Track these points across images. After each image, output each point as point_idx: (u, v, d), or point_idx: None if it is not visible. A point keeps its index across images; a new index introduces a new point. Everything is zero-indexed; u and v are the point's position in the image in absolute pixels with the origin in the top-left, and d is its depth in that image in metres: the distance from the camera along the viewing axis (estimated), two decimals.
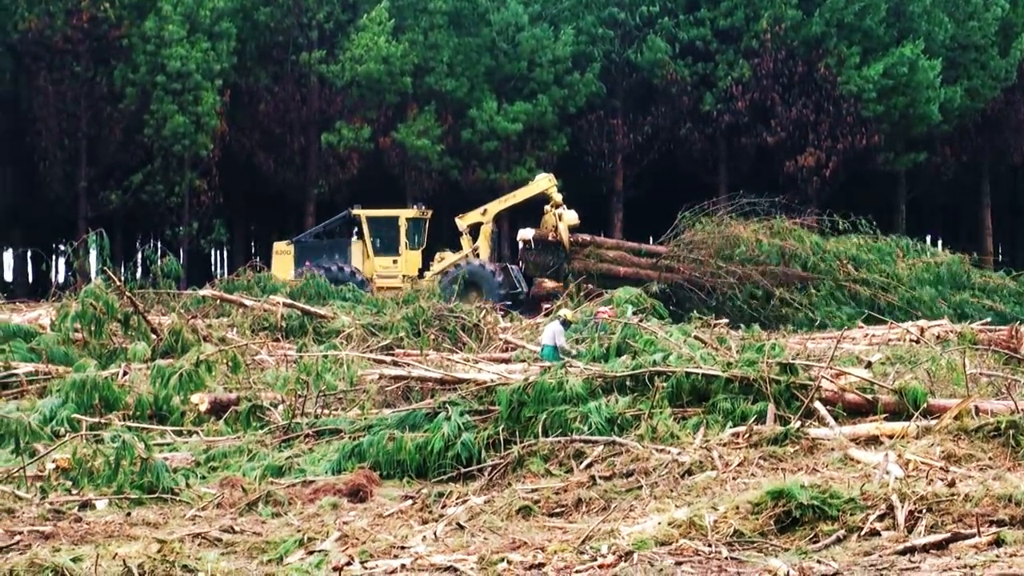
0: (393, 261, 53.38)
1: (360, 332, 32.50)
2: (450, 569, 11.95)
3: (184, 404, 22.85)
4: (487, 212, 54.26)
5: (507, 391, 18.99)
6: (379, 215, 54.67)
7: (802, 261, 46.48)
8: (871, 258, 47.06)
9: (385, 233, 53.95)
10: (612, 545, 12.27)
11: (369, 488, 16.62)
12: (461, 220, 54.20)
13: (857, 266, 46.26)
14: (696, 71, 69.46)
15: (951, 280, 46.57)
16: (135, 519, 15.02)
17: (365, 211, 54.65)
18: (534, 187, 54.77)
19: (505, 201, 55.30)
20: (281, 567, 12.16)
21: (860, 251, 47.44)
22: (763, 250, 46.63)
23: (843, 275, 45.66)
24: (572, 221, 51.87)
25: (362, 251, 53.63)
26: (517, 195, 55.47)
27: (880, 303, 43.79)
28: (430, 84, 66.85)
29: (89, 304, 28.71)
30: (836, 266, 46.17)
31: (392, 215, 54.76)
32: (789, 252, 46.79)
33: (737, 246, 46.91)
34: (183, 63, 62.65)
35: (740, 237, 47.12)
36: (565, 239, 51.16)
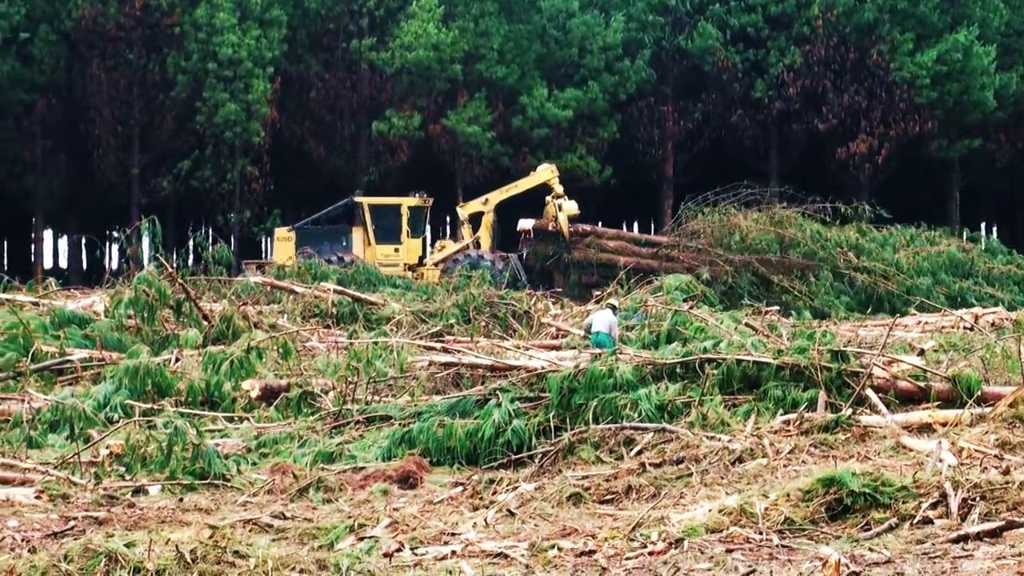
0: (395, 249, 53.18)
1: (410, 319, 32.53)
2: (500, 556, 11.94)
3: (235, 390, 22.95)
4: (488, 201, 54.42)
5: (558, 378, 18.98)
6: (381, 203, 54.72)
7: (802, 249, 46.46)
8: (872, 247, 47.03)
9: (387, 221, 53.85)
10: (662, 532, 12.24)
11: (419, 475, 16.64)
12: (462, 209, 54.25)
13: (858, 254, 46.20)
14: (747, 58, 69.16)
15: (952, 268, 46.30)
16: (187, 505, 15.08)
17: (367, 199, 54.78)
18: (536, 177, 55.09)
19: (507, 191, 55.33)
20: (332, 553, 12.16)
21: (861, 239, 47.39)
22: (761, 239, 46.73)
23: (843, 263, 45.55)
24: (572, 211, 52.25)
25: (363, 239, 53.53)
26: (519, 185, 55.63)
27: (879, 291, 43.61)
28: (480, 71, 66.80)
29: (142, 291, 28.85)
30: (836, 254, 46.19)
31: (394, 203, 54.73)
32: (789, 240, 46.82)
33: (735, 235, 47.07)
34: (234, 50, 62.82)
35: (739, 226, 47.30)
36: (564, 229, 51.55)
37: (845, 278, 45.07)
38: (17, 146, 64.98)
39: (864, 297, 43.49)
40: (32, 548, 11.99)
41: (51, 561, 10.66)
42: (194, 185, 64.27)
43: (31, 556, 11.15)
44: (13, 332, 27.41)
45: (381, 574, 11.30)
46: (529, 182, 55.12)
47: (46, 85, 65.10)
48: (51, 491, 15.54)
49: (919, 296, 42.50)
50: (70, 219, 74.46)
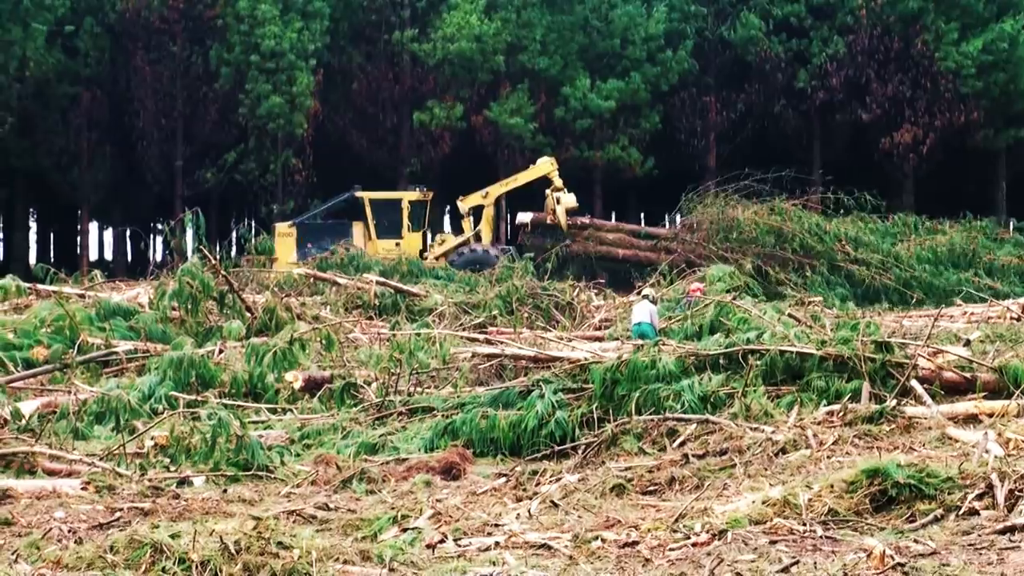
0: (396, 244, 53.02)
1: (453, 310, 32.59)
2: (544, 547, 11.94)
3: (278, 382, 23.04)
4: (489, 195, 54.55)
5: (600, 369, 18.96)
6: (382, 197, 54.81)
7: (799, 242, 46.44)
8: (873, 238, 46.91)
9: (388, 215, 53.81)
10: (705, 523, 12.22)
11: (463, 466, 16.65)
12: (463, 203, 54.21)
13: (856, 246, 46.05)
14: (790, 48, 68.83)
15: (952, 259, 46.05)
16: (231, 496, 15.14)
17: (368, 193, 54.73)
18: (536, 170, 55.11)
19: (507, 184, 55.46)
20: (375, 544, 12.19)
21: (862, 231, 47.29)
22: (759, 231, 46.87)
23: (841, 256, 45.40)
24: (570, 204, 52.68)
25: (363, 233, 53.45)
26: (519, 178, 55.72)
27: (876, 284, 43.45)
28: (523, 62, 66.72)
29: (186, 283, 28.97)
30: (835, 247, 46.14)
31: (395, 197, 54.90)
32: (788, 233, 46.76)
33: (733, 227, 47.29)
34: (277, 43, 62.95)
35: (736, 218, 47.53)
36: (563, 222, 52.03)
37: (842, 270, 44.95)
38: (63, 139, 65.29)
39: (861, 289, 43.32)
40: (79, 539, 12.06)
41: (97, 552, 10.72)
42: (237, 177, 64.48)
43: (78, 547, 11.22)
44: (59, 324, 27.57)
45: (424, 565, 11.32)
46: (529, 175, 55.27)
47: (91, 78, 65.42)
48: (97, 482, 15.62)
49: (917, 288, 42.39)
50: (115, 211, 74.82)
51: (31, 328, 27.56)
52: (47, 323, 27.85)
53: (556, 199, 52.44)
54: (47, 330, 27.49)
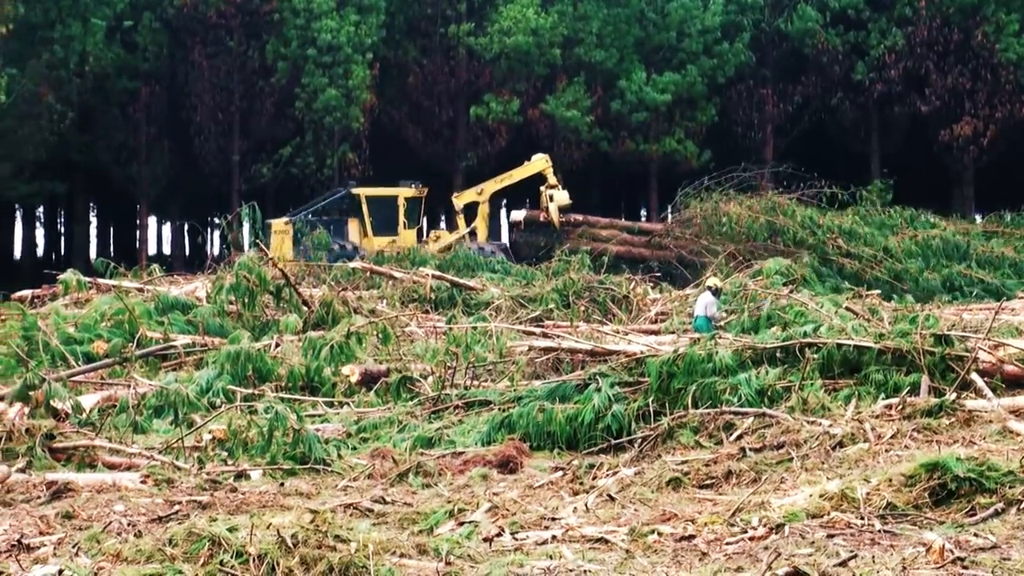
0: (392, 240, 52.43)
1: (509, 304, 32.59)
2: (600, 541, 11.93)
3: (335, 375, 23.12)
4: (483, 192, 54.41)
5: (657, 363, 18.94)
6: (378, 194, 54.26)
7: (791, 236, 46.36)
8: (867, 231, 46.82)
9: (384, 212, 53.54)
10: (763, 517, 12.17)
11: (519, 459, 16.66)
12: (457, 199, 54.09)
13: (849, 240, 45.91)
14: (848, 40, 68.40)
15: (944, 252, 45.74)
16: (288, 489, 15.20)
17: (364, 189, 54.44)
18: (530, 167, 55.02)
19: (501, 181, 55.30)
20: (432, 538, 12.21)
21: (856, 224, 47.25)
22: (751, 225, 46.82)
23: (832, 249, 45.22)
24: (563, 202, 52.80)
25: (358, 230, 53.12)
26: (513, 175, 55.55)
27: (867, 276, 43.19)
28: (579, 55, 66.64)
29: (243, 277, 29.13)
30: (826, 240, 45.93)
31: (391, 194, 54.21)
32: (779, 227, 46.77)
33: (725, 222, 47.38)
34: (333, 37, 63.10)
35: (728, 213, 47.56)
36: (555, 219, 52.25)
37: (834, 264, 44.79)
38: (122, 133, 65.67)
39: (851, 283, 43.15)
40: (138, 532, 12.14)
41: (156, 545, 10.78)
42: (293, 171, 64.67)
43: (137, 540, 11.28)
44: (119, 318, 27.81)
45: (481, 559, 11.33)
46: (524, 172, 55.23)
47: (149, 73, 65.76)
48: (156, 476, 15.73)
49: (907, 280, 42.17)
50: (173, 206, 75.24)
51: (92, 322, 27.81)
52: (107, 317, 28.10)
53: (549, 196, 52.78)
54: (107, 324, 27.73)
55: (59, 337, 26.21)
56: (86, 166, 68.23)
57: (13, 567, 10.99)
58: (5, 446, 17.21)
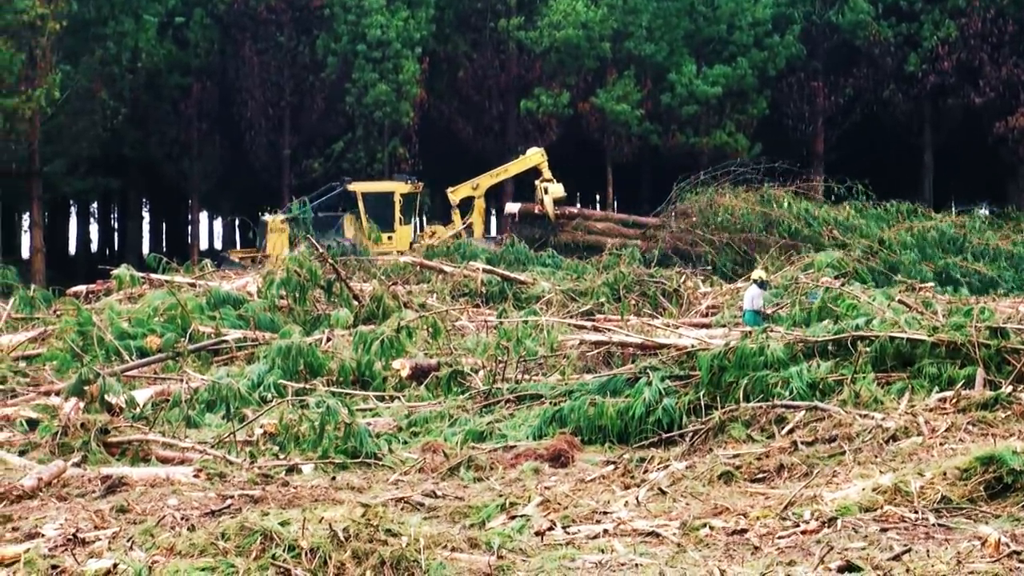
0: (388, 236, 52.34)
1: (560, 298, 32.59)
2: (652, 534, 11.92)
3: (386, 370, 23.15)
4: (479, 187, 54.41)
5: (708, 356, 18.90)
6: (374, 189, 54.20)
7: (785, 227, 46.53)
8: (862, 223, 46.98)
9: (380, 208, 53.32)
10: (815, 511, 12.13)
11: (570, 453, 16.66)
12: (453, 194, 53.92)
13: (844, 231, 46.04)
14: (900, 31, 67.98)
15: (940, 244, 45.47)
16: (340, 483, 15.25)
17: (360, 185, 54.28)
18: (526, 161, 55.23)
19: (497, 175, 55.30)
20: (483, 531, 12.23)
21: (852, 216, 47.51)
22: (746, 218, 47.06)
23: (828, 240, 45.29)
24: (558, 194, 53.06)
25: (354, 226, 52.86)
26: (509, 169, 55.73)
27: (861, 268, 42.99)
28: (629, 49, 66.51)
29: (294, 271, 29.23)
30: (821, 232, 46.05)
31: (387, 190, 54.14)
32: (774, 219, 46.90)
33: (720, 214, 47.68)
34: (383, 31, 63.21)
35: (723, 205, 47.91)
36: (550, 212, 52.47)
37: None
38: (174, 129, 66.00)
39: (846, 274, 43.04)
40: (191, 526, 12.19)
41: (209, 539, 10.83)
42: (344, 166, 64.75)
43: (190, 534, 11.33)
44: (172, 313, 27.95)
45: (533, 553, 11.33)
46: (519, 166, 55.45)
47: (201, 69, 66.03)
48: (209, 470, 15.80)
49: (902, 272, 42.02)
50: (224, 201, 75.59)
51: (145, 317, 27.95)
52: (160, 312, 28.23)
53: (544, 189, 52.94)
54: (160, 319, 27.87)
55: (113, 332, 26.35)
56: (138, 162, 68.66)
57: (69, 561, 11.06)
58: (61, 440, 17.36)
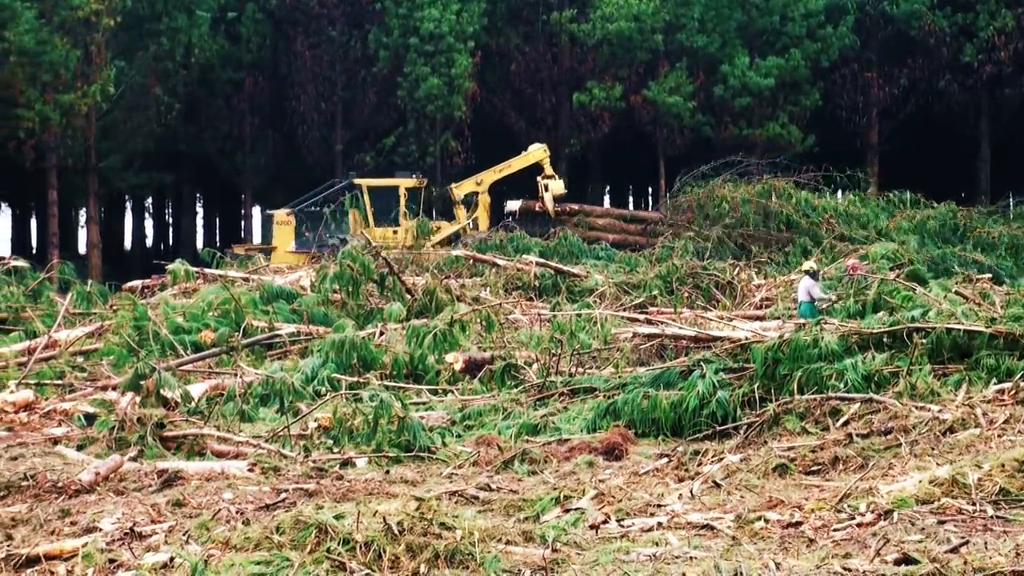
0: (393, 231, 51.75)
1: (613, 290, 32.54)
2: (706, 527, 11.88)
3: (439, 363, 23.17)
4: (482, 182, 54.10)
5: (762, 348, 18.83)
6: (379, 184, 53.83)
7: (784, 219, 46.41)
8: (863, 213, 46.93)
9: (385, 203, 53.12)
10: (871, 503, 12.06)
11: (624, 446, 16.64)
12: (457, 189, 53.70)
13: (844, 222, 45.96)
14: (955, 21, 67.45)
15: (938, 233, 45.11)
16: (393, 477, 15.26)
17: (366, 180, 53.90)
18: (528, 157, 54.86)
19: (500, 171, 54.95)
20: (538, 525, 12.22)
21: (853, 207, 47.55)
22: (745, 210, 46.94)
23: (826, 231, 45.21)
24: (558, 191, 52.94)
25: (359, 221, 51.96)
26: (512, 164, 55.31)
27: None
28: (681, 41, 66.28)
29: (346, 265, 29.29)
30: (820, 222, 45.93)
31: (392, 184, 53.82)
32: (774, 211, 46.82)
33: (719, 207, 47.57)
34: (435, 25, 63.23)
35: (722, 198, 47.79)
36: (550, 208, 52.33)
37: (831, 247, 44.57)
38: (227, 124, 66.32)
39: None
40: (246, 520, 12.24)
41: (264, 533, 10.87)
42: (396, 160, 64.84)
43: (245, 528, 11.38)
44: (226, 308, 28.08)
45: (587, 546, 11.31)
46: (522, 162, 55.08)
47: (253, 64, 66.31)
48: (263, 464, 15.86)
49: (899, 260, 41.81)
50: (276, 195, 75.75)
51: (199, 312, 28.10)
52: (214, 307, 28.38)
53: (544, 186, 52.86)
54: (214, 314, 28.00)
55: (168, 327, 26.50)
56: (192, 157, 69.03)
57: (126, 555, 11.13)
58: (118, 435, 17.47)
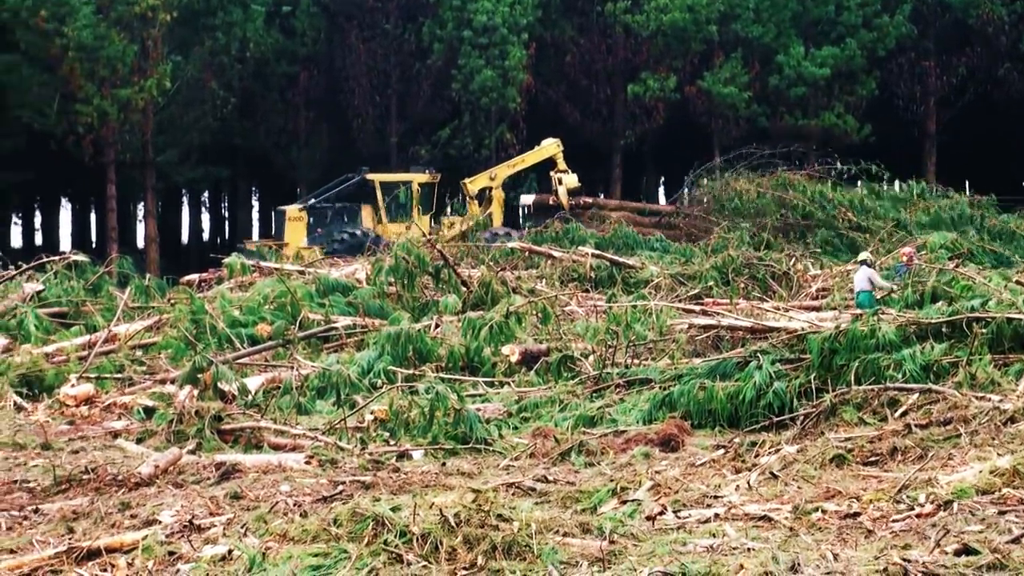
0: (406, 227, 50.92)
1: (669, 282, 32.44)
2: (764, 519, 11.84)
3: (495, 355, 23.17)
4: (496, 177, 53.86)
5: (818, 339, 18.74)
6: (392, 179, 53.70)
7: (801, 211, 46.67)
8: (878, 204, 47.11)
9: (398, 198, 52.88)
10: (930, 494, 11.99)
11: (681, 437, 16.61)
12: (471, 184, 53.47)
13: (860, 213, 46.06)
14: (1014, 9, 66.91)
15: (954, 223, 44.78)
16: (450, 469, 15.30)
17: (378, 175, 53.73)
18: (541, 152, 54.85)
19: (513, 165, 54.97)
20: (594, 516, 12.21)
21: (868, 198, 47.61)
22: (761, 202, 47.35)
23: (842, 222, 45.26)
24: (572, 185, 53.00)
25: (372, 216, 52.48)
26: (525, 159, 55.46)
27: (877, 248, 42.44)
28: (736, 31, 66.02)
29: (401, 258, 29.36)
30: (837, 214, 46.00)
31: (405, 179, 53.60)
32: (789, 203, 47.05)
33: (734, 200, 47.98)
34: (489, 17, 63.20)
35: (738, 190, 48.20)
36: (564, 202, 52.28)
37: (845, 237, 44.26)
38: (282, 118, 66.58)
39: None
40: (303, 512, 12.28)
41: (321, 525, 10.91)
42: (451, 153, 64.94)
43: (303, 520, 11.43)
44: (282, 301, 28.18)
45: (644, 537, 11.30)
46: (535, 156, 55.15)
47: (308, 57, 66.53)
48: (320, 456, 15.92)
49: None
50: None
51: (256, 305, 28.21)
52: (270, 300, 28.49)
53: (558, 179, 52.87)
54: (270, 307, 28.11)
55: (225, 320, 26.62)
56: (247, 151, 69.32)
57: (185, 547, 11.20)
58: (176, 428, 17.58)
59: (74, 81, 55.00)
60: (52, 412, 20.59)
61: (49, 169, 65.82)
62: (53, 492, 14.54)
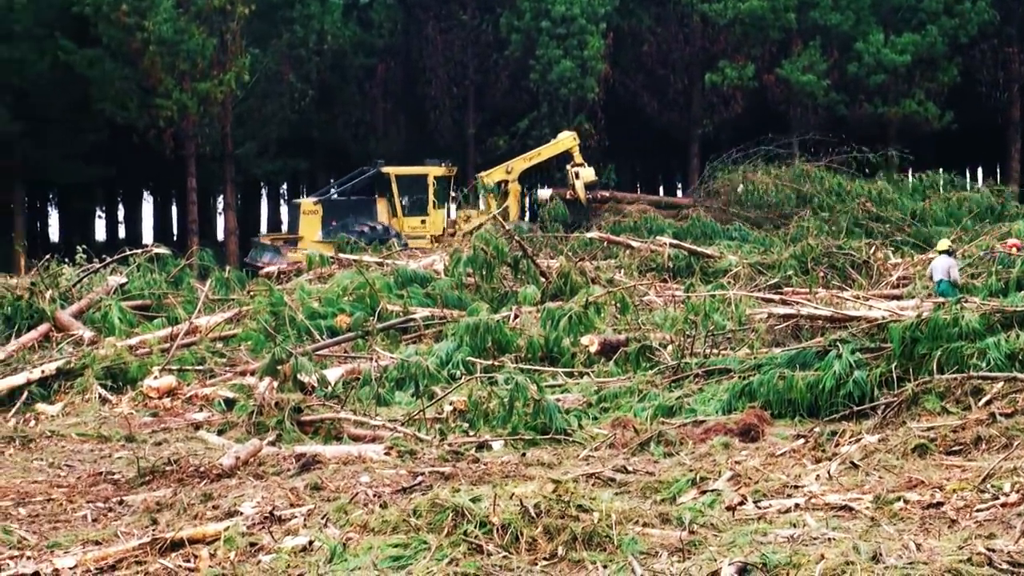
0: (422, 221, 51.56)
1: (747, 271, 32.36)
2: (845, 509, 11.78)
3: (574, 346, 23.17)
4: (512, 170, 53.43)
5: (899, 328, 18.58)
6: (408, 173, 53.20)
7: (819, 203, 46.60)
8: (897, 196, 47.04)
9: (414, 192, 52.46)
10: (1016, 483, 11.89)
11: (760, 427, 16.55)
12: (487, 178, 53.07)
13: (879, 204, 45.83)
14: None
15: (976, 215, 44.22)
16: (530, 459, 15.32)
17: (394, 169, 53.20)
18: (559, 145, 54.69)
19: (530, 159, 54.54)
20: (674, 506, 12.19)
21: (887, 190, 47.44)
22: (779, 194, 47.49)
23: (861, 214, 44.95)
24: (589, 178, 52.88)
25: (387, 210, 51.99)
26: (542, 152, 55.13)
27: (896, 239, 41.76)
28: (815, 19, 65.53)
29: (480, 249, 29.39)
30: (855, 206, 45.73)
31: (421, 173, 53.13)
32: (807, 194, 47.22)
33: (752, 192, 48.03)
34: (567, 8, 63.05)
35: (755, 183, 48.29)
36: (581, 196, 52.16)
37: (864, 228, 43.79)
38: (359, 109, 66.77)
39: None
40: (383, 503, 12.33)
41: (401, 516, 10.95)
42: (530, 143, 64.86)
43: (383, 511, 11.47)
44: (360, 292, 28.32)
45: (724, 527, 11.26)
46: (552, 150, 54.95)
47: (385, 49, 66.70)
48: (399, 447, 15.98)
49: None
50: None
51: (334, 297, 28.38)
52: (349, 292, 28.64)
53: (575, 173, 52.68)
54: (349, 298, 28.26)
55: (304, 312, 26.78)
56: (325, 143, 69.56)
57: (266, 538, 11.28)
58: (256, 420, 17.71)
59: (154, 75, 55.49)
60: (136, 404, 20.83)
61: (131, 163, 66.39)
62: (137, 484, 14.70)
